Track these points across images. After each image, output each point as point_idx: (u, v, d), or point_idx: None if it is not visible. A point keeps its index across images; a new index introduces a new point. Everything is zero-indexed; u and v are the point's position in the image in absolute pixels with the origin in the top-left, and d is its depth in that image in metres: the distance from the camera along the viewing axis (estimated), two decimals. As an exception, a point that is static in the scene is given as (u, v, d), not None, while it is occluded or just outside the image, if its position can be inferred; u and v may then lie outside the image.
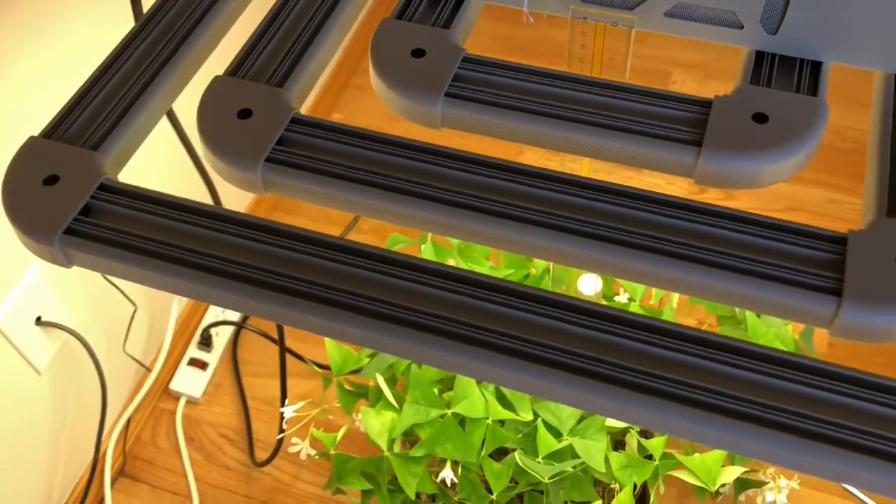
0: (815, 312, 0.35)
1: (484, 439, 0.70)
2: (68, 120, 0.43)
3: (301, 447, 0.80)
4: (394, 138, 0.41)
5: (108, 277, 1.00)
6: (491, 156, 0.40)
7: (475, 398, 0.71)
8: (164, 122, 0.76)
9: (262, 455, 1.15)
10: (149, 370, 1.15)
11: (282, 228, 0.39)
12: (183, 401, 1.20)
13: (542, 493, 0.73)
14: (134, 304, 1.06)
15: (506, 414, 0.71)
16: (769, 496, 0.76)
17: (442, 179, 0.40)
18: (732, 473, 0.72)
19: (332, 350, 0.78)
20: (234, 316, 1.25)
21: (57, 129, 0.43)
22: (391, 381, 0.76)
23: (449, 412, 0.70)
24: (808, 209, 1.41)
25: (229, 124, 0.42)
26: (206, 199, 1.02)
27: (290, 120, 0.42)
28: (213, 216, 0.39)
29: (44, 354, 0.96)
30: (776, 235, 0.37)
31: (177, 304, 1.15)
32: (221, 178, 0.43)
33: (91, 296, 1.01)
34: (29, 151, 0.42)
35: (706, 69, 1.58)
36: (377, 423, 0.71)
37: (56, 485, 1.06)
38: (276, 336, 1.25)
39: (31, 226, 0.40)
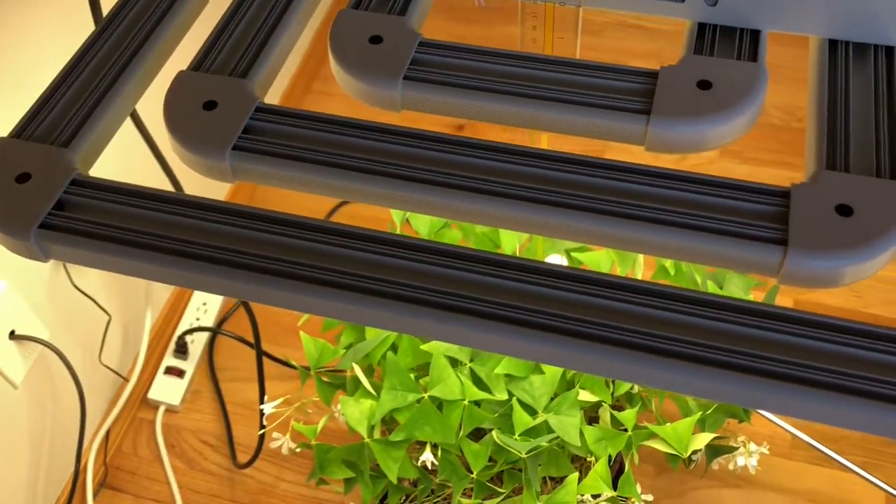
0: (763, 262, 0.37)
1: (461, 420, 0.72)
2: (36, 120, 0.44)
3: (282, 442, 0.81)
4: (358, 121, 0.43)
5: (81, 288, 1.00)
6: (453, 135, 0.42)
7: (451, 381, 0.72)
8: (129, 126, 0.77)
9: (243, 458, 1.16)
10: (126, 380, 1.15)
11: (253, 212, 0.40)
12: (162, 409, 1.21)
13: (520, 470, 0.74)
14: (108, 313, 1.06)
15: (481, 395, 0.73)
16: (740, 461, 0.78)
17: (406, 158, 0.41)
18: (703, 440, 0.74)
19: (307, 344, 0.79)
20: (209, 322, 1.26)
21: (26, 129, 0.44)
22: (368, 372, 0.77)
23: (426, 396, 0.71)
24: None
25: (195, 116, 0.44)
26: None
27: (254, 109, 0.44)
28: (185, 203, 0.41)
29: (19, 368, 0.96)
30: (723, 193, 0.39)
31: (150, 313, 1.15)
32: (191, 168, 0.44)
33: (64, 308, 1.01)
34: (-1, 150, 0.43)
35: (660, 58, 1.61)
36: (356, 411, 0.72)
37: (38, 499, 1.05)
38: (251, 340, 1.26)
39: (6, 222, 0.41)
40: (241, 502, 1.14)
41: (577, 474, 0.71)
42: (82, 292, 1.00)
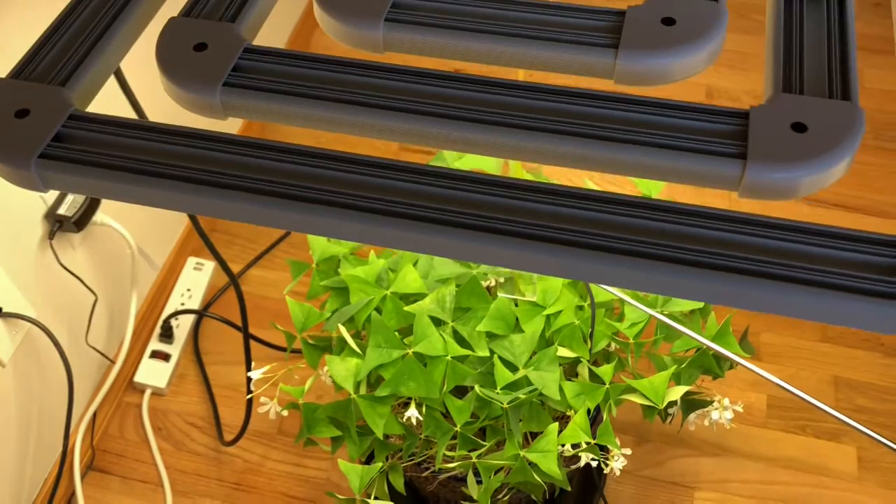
0: (725, 175, 0.40)
1: (444, 376, 0.74)
2: (34, 61, 0.46)
3: (270, 406, 0.82)
4: (342, 59, 0.45)
5: (67, 266, 1.02)
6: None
7: (434, 339, 0.74)
8: (117, 94, 0.78)
9: (230, 438, 1.17)
10: (112, 362, 1.16)
11: (244, 140, 0.42)
12: (148, 393, 1.22)
13: (503, 425, 0.77)
14: (94, 293, 1.07)
15: (463, 352, 0.75)
16: (714, 415, 0.81)
17: (389, 90, 0.44)
18: (678, 392, 0.77)
19: (294, 308, 0.81)
20: (195, 304, 1.27)
21: (23, 70, 0.46)
22: (353, 336, 0.79)
23: (410, 351, 0.73)
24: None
25: (186, 58, 0.45)
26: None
27: (243, 49, 0.46)
28: (179, 133, 0.43)
29: (6, 346, 0.97)
30: (687, 115, 0.42)
31: (136, 296, 1.16)
32: (184, 107, 0.46)
33: (50, 288, 1.02)
34: (-2, 91, 0.45)
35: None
36: (342, 369, 0.74)
37: (26, 480, 1.06)
38: (237, 323, 1.28)
39: (7, 154, 0.42)
40: (227, 481, 1.15)
41: (556, 424, 0.73)
42: (68, 271, 1.01)
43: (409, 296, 0.79)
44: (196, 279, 1.31)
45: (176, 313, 1.24)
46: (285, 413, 0.83)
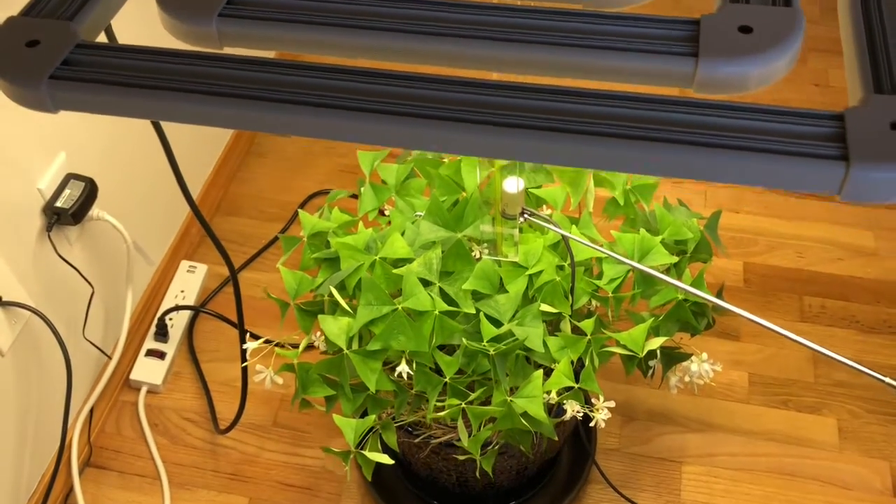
0: (677, 73, 0.44)
1: (433, 331, 0.77)
2: (44, 1, 0.50)
3: (265, 374, 0.85)
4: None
5: (65, 257, 1.05)
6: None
7: (422, 296, 0.78)
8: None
9: (225, 427, 1.19)
10: (109, 357, 1.19)
11: (241, 58, 0.46)
12: (144, 390, 1.24)
13: (490, 379, 0.80)
14: (91, 285, 1.10)
15: (450, 308, 0.78)
16: (693, 367, 0.84)
17: (360, 14, 0.48)
18: (657, 342, 0.80)
19: (287, 276, 0.84)
20: (190, 301, 1.30)
21: (33, 9, 0.50)
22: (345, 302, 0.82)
23: (399, 307, 0.77)
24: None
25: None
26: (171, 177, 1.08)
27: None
28: (180, 55, 0.47)
29: (6, 335, 0.99)
30: (634, 24, 0.46)
31: (132, 291, 1.19)
32: (181, 39, 0.50)
33: (49, 279, 1.05)
34: (8, 26, 0.48)
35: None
36: (334, 327, 0.78)
37: (24, 475, 1.08)
38: (232, 319, 1.31)
39: (19, 76, 0.46)
40: (223, 472, 1.17)
41: (541, 371, 0.77)
42: (66, 261, 1.04)
43: (397, 261, 0.83)
44: (189, 281, 1.34)
45: (172, 309, 1.27)
46: (280, 380, 0.86)
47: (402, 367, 0.78)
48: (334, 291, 0.79)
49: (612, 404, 0.82)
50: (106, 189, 1.10)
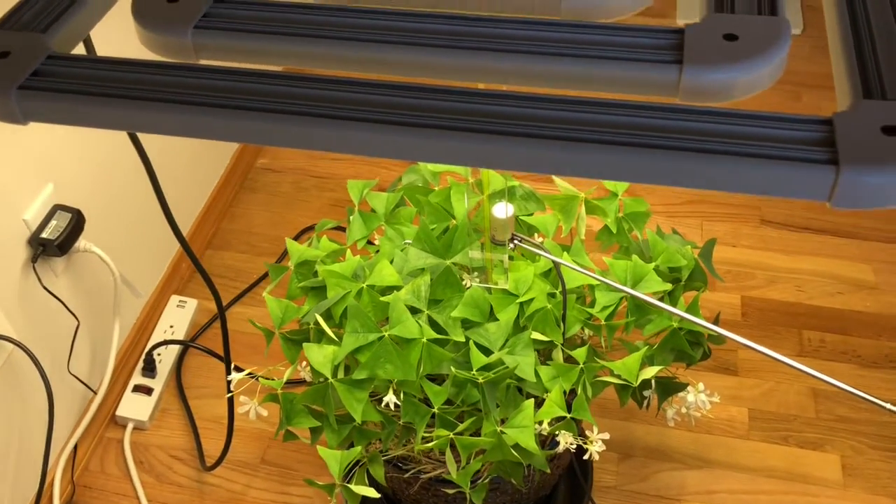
0: (662, 80, 0.43)
1: (421, 359, 0.75)
2: (17, 14, 0.49)
3: (250, 406, 0.83)
4: (307, 3, 0.48)
5: (50, 289, 1.03)
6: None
7: (409, 323, 0.76)
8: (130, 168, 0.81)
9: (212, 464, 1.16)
10: (94, 392, 1.16)
11: (214, 67, 0.45)
12: (130, 427, 1.21)
13: (479, 410, 0.77)
14: (77, 318, 1.08)
15: (439, 335, 0.76)
16: (689, 398, 0.82)
17: (342, 27, 0.47)
18: (652, 371, 0.78)
19: (272, 305, 0.83)
20: (179, 336, 1.28)
21: (6, 21, 0.49)
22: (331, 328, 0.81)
23: (386, 334, 0.75)
24: (710, 201, 1.52)
25: (159, 7, 0.49)
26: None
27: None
28: (151, 65, 0.46)
29: (-12, 368, 0.97)
30: (617, 34, 0.45)
31: (119, 324, 1.17)
32: (156, 53, 0.49)
33: (33, 312, 1.03)
34: (-19, 38, 0.47)
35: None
36: (319, 356, 0.76)
37: (4, 513, 1.05)
38: (220, 354, 1.28)
39: (-13, 86, 0.45)
40: (210, 511, 1.14)
41: (532, 400, 0.74)
42: (51, 293, 1.03)
43: (385, 289, 0.81)
44: (179, 316, 1.32)
45: (160, 344, 1.24)
46: (265, 412, 0.84)
47: (390, 398, 0.76)
48: (319, 319, 0.77)
49: (606, 436, 0.80)
50: (94, 221, 1.09)
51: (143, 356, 1.25)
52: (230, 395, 0.96)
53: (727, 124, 0.40)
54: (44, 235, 1.01)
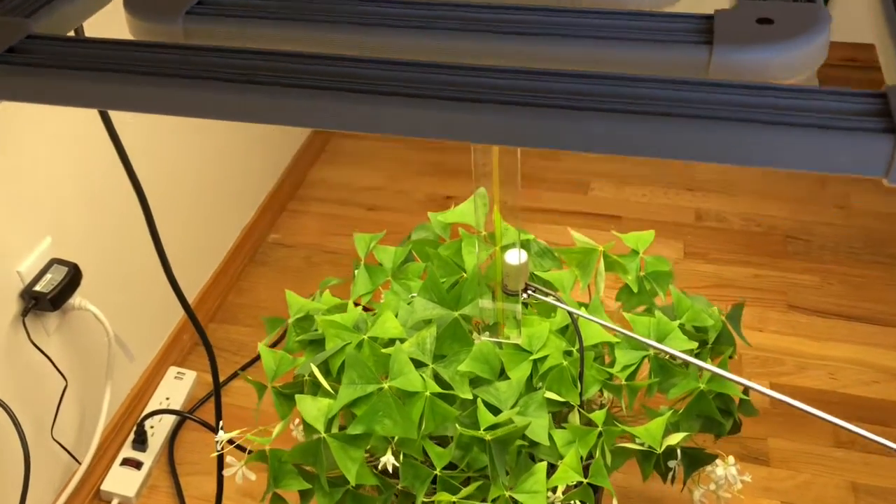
0: (692, 61, 0.40)
1: (423, 415, 0.69)
2: (6, 2, 0.47)
3: (236, 468, 0.76)
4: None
5: (40, 345, 0.98)
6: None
7: (412, 375, 0.70)
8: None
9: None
10: (79, 462, 1.09)
11: (194, 45, 0.42)
12: (115, 503, 1.13)
13: (487, 477, 0.70)
14: (65, 378, 1.03)
15: (444, 390, 0.70)
16: (719, 471, 0.74)
17: (337, 13, 0.45)
18: (677, 438, 0.71)
19: (265, 356, 0.77)
20: (177, 405, 1.21)
21: (-8, 8, 0.46)
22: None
23: (386, 385, 0.68)
24: (735, 285, 1.46)
25: None
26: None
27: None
28: (128, 43, 0.43)
29: (-36, 427, 0.91)
30: (649, 19, 0.42)
31: (110, 389, 1.11)
32: (147, 37, 0.46)
33: (18, 368, 0.98)
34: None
35: (621, 176, 1.69)
36: (313, 409, 0.69)
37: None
38: (215, 426, 1.21)
39: (-37, 60, 0.42)
40: None
41: (545, 463, 0.67)
42: (39, 349, 0.97)
43: (388, 342, 0.76)
44: (176, 388, 1.26)
45: (152, 414, 1.18)
46: (252, 476, 0.76)
47: (388, 458, 0.69)
48: (315, 370, 0.71)
49: (626, 511, 0.72)
50: (91, 277, 1.05)
51: (134, 427, 1.18)
52: (216, 454, 0.89)
53: (772, 97, 0.36)
54: (37, 288, 0.97)
